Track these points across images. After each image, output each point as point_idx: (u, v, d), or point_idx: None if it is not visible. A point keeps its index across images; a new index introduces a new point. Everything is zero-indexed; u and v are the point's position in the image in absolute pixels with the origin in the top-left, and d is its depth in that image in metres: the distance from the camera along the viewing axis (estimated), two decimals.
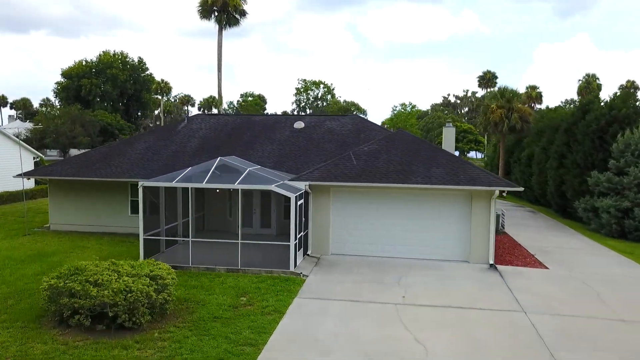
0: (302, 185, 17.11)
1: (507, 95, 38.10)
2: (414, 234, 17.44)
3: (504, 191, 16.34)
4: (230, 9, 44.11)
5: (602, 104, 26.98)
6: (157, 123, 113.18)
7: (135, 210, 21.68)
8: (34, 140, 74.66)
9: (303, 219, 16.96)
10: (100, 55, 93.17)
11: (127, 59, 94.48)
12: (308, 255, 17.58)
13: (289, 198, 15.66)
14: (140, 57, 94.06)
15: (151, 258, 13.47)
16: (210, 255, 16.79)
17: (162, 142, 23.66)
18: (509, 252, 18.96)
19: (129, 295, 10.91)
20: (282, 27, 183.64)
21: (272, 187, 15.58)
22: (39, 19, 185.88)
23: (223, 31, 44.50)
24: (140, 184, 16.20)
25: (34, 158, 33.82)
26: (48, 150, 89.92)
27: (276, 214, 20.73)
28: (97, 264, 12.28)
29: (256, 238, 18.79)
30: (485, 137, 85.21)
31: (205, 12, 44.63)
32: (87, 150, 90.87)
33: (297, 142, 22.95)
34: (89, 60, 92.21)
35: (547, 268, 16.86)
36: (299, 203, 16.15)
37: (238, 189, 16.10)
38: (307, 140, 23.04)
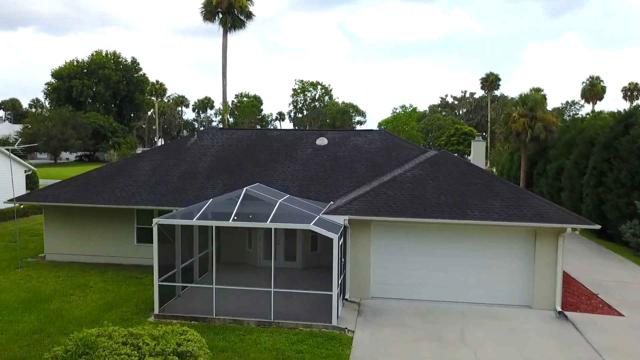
0: (341, 220, 14.83)
1: (530, 102, 35.97)
2: (468, 275, 15.23)
3: (576, 229, 14.17)
4: (235, 10, 41.35)
5: None
6: (153, 127, 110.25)
7: (142, 239, 19.37)
8: (25, 144, 71.59)
9: (342, 259, 14.70)
10: (92, 55, 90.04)
11: (120, 59, 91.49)
12: (346, 300, 15.30)
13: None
14: (133, 57, 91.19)
15: (173, 321, 11.15)
16: (235, 302, 14.45)
17: (170, 160, 21.25)
18: (567, 290, 16.80)
19: None
20: (275, 26, 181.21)
21: (312, 227, 13.29)
22: (27, 15, 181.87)
23: (228, 34, 41.72)
24: (154, 221, 13.82)
25: (25, 171, 31.12)
26: (38, 153, 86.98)
27: (302, 244, 18.46)
28: (111, 333, 9.92)
29: (280, 272, 16.53)
30: (488, 141, 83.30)
31: (208, 13, 41.75)
32: (79, 153, 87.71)
33: (322, 162, 20.64)
34: (80, 60, 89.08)
35: (621, 315, 14.73)
36: (340, 243, 13.89)
37: (271, 228, 13.78)
38: (332, 160, 20.74)
